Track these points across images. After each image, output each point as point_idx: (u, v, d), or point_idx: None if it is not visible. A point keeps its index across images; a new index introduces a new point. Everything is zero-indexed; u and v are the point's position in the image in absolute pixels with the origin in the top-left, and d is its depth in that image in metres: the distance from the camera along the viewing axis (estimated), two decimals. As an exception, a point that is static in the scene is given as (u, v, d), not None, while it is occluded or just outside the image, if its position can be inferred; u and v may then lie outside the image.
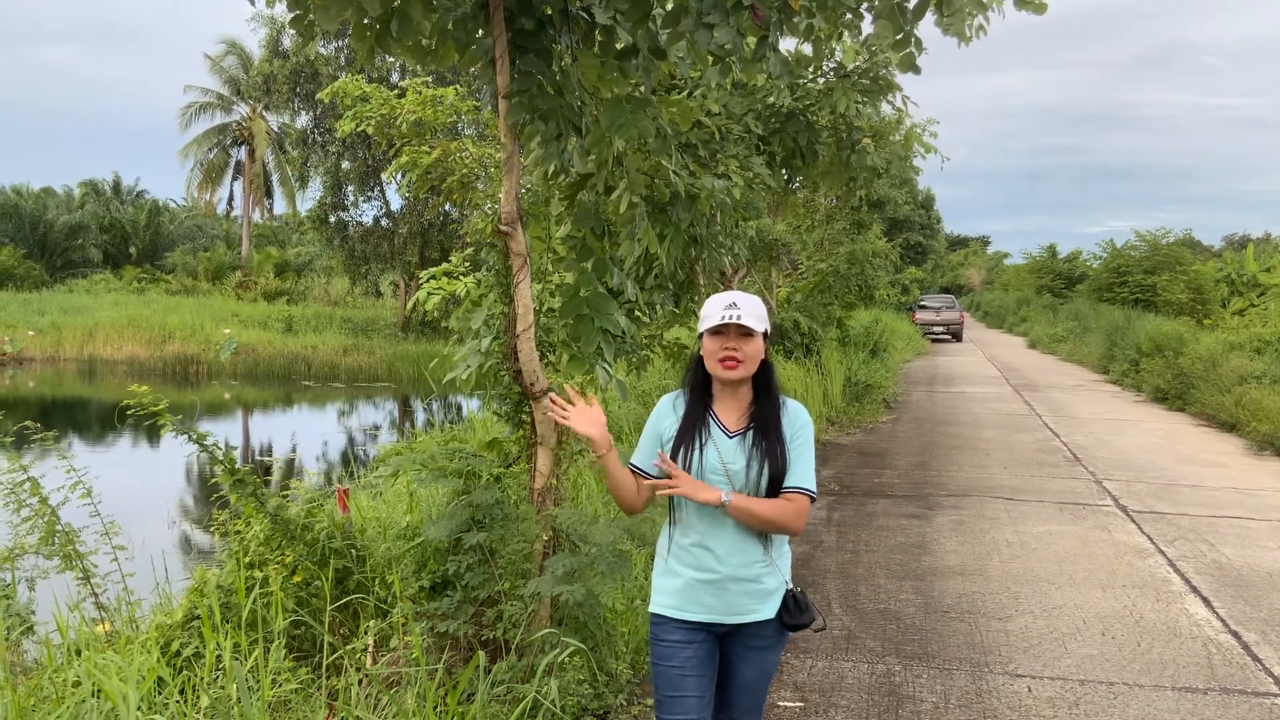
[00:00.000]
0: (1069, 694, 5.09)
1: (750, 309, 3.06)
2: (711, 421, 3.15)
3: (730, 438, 3.12)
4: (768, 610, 3.15)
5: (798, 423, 3.17)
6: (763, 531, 3.11)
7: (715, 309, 3.07)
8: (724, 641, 3.19)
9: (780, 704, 4.94)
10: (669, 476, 3.04)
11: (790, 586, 3.20)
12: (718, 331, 3.07)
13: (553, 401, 3.20)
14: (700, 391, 3.19)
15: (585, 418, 3.14)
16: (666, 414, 3.22)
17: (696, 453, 3.11)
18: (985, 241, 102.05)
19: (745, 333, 3.05)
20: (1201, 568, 7.41)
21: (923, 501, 9.64)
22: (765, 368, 3.17)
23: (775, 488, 3.07)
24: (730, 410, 3.16)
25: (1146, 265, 35.12)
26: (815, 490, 3.14)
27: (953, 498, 9.81)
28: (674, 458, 3.11)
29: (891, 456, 12.30)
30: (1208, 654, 5.70)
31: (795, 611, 3.16)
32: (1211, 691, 5.17)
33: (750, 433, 3.12)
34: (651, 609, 3.23)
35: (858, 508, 9.35)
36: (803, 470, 3.12)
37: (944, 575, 7.14)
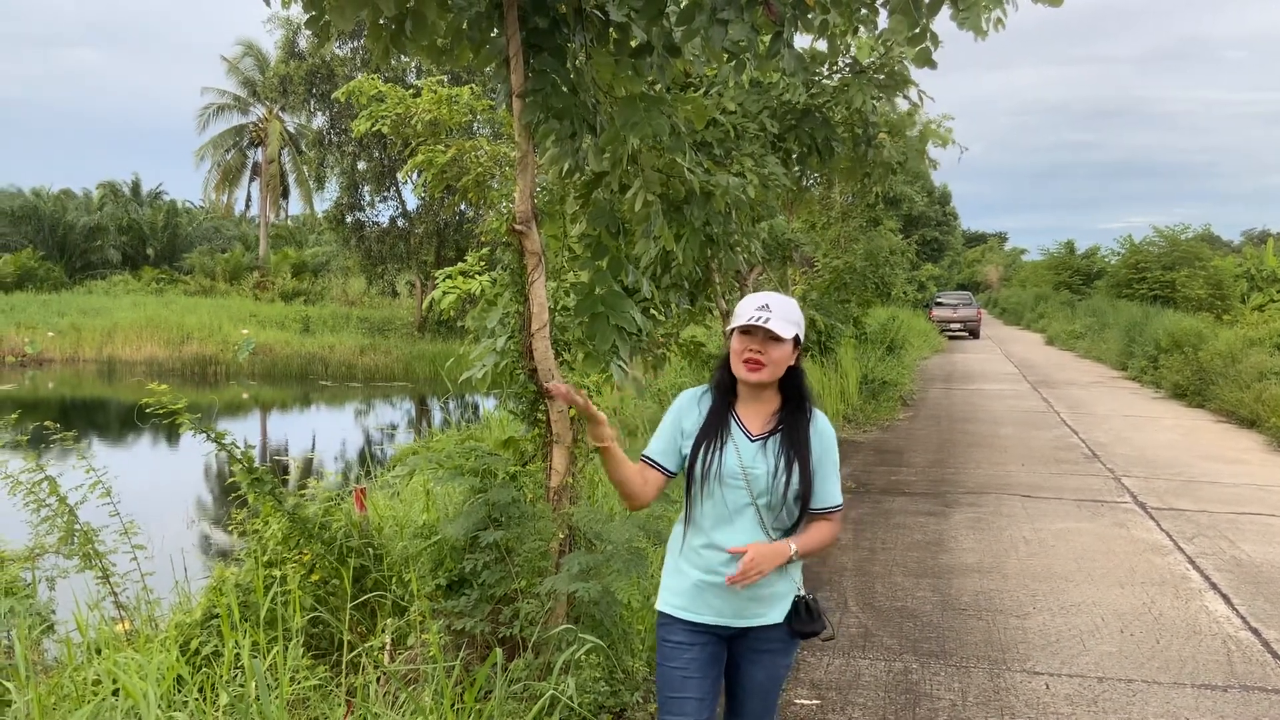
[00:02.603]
0: (1087, 691, 5.07)
1: (782, 313, 2.99)
2: (733, 423, 3.08)
3: (752, 441, 3.05)
4: (776, 615, 3.09)
5: (826, 439, 3.12)
6: (777, 535, 3.05)
7: (747, 308, 3.01)
8: (732, 644, 3.14)
9: (797, 702, 4.93)
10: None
11: (801, 592, 3.14)
12: (746, 331, 3.01)
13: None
14: (725, 391, 3.12)
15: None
16: (690, 409, 3.16)
17: (716, 454, 3.03)
18: (1002, 238, 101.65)
19: (773, 337, 2.98)
20: (1221, 564, 7.37)
21: (940, 499, 9.62)
22: (795, 374, 3.10)
23: (804, 497, 3.03)
24: (753, 414, 3.09)
25: (1165, 261, 34.90)
26: (841, 502, 3.17)
27: (970, 495, 9.78)
28: (694, 457, 3.06)
29: (908, 454, 12.27)
30: (1227, 651, 5.67)
31: (805, 619, 3.10)
32: (1231, 689, 5.14)
33: (774, 439, 3.05)
34: (658, 606, 3.19)
35: (875, 505, 9.33)
36: (834, 489, 3.12)
37: (961, 573, 7.12)
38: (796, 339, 3.04)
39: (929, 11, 4.16)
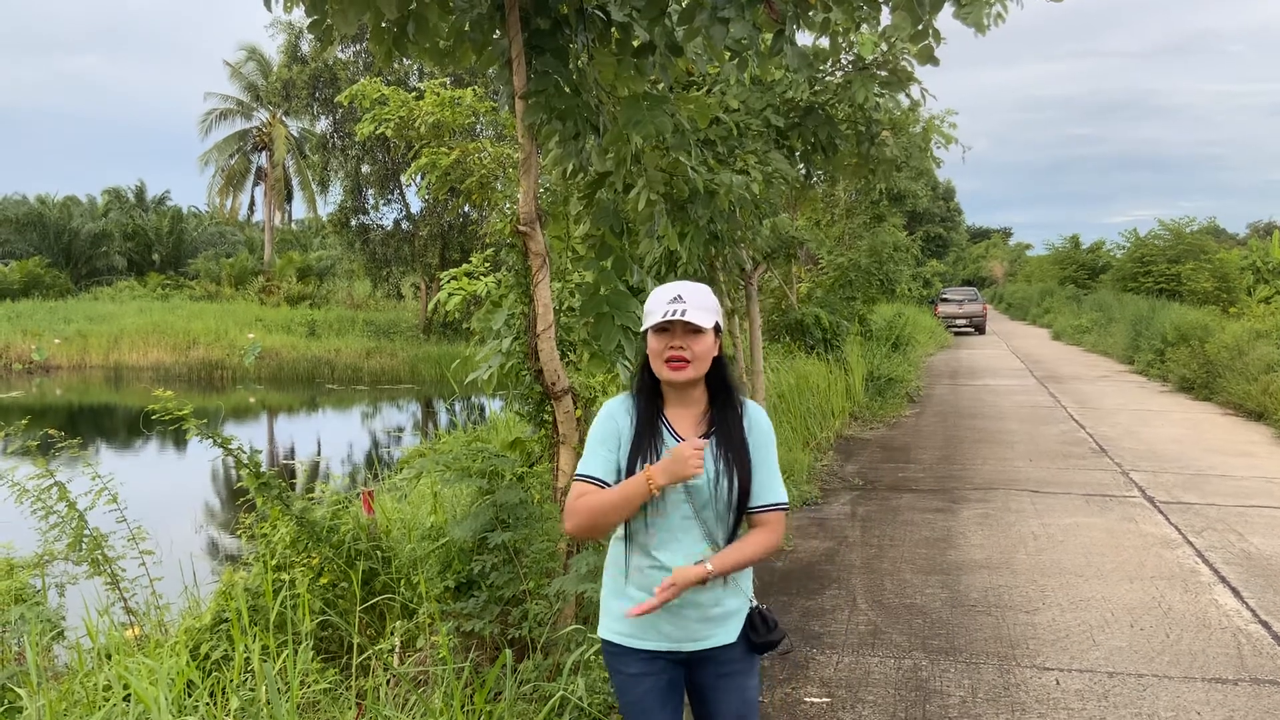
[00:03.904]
0: (1098, 686, 5.06)
1: (698, 302, 2.76)
2: (665, 430, 2.84)
3: None
4: (728, 634, 2.86)
5: (760, 429, 2.88)
6: (725, 545, 2.83)
7: (658, 304, 2.77)
8: (692, 672, 2.92)
9: (807, 700, 4.93)
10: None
11: (754, 604, 2.91)
12: (662, 329, 2.78)
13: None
14: (650, 396, 2.88)
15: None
16: (623, 420, 2.88)
17: (643, 464, 2.79)
18: (1007, 233, 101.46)
19: (693, 329, 2.76)
20: (1230, 558, 7.35)
21: (947, 495, 9.60)
22: (719, 366, 2.86)
23: (743, 500, 2.82)
24: (684, 416, 2.86)
25: (1171, 254, 34.85)
26: (786, 500, 2.90)
27: (978, 491, 9.77)
28: (629, 473, 2.80)
29: (915, 451, 12.25)
30: (1238, 644, 5.66)
31: (763, 629, 2.86)
32: (1242, 682, 5.13)
33: (710, 441, 2.82)
34: (602, 634, 2.94)
35: (882, 503, 9.32)
36: (773, 484, 2.87)
37: (970, 569, 7.11)
38: (717, 327, 2.82)
39: (931, 8, 4.15)
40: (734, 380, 2.92)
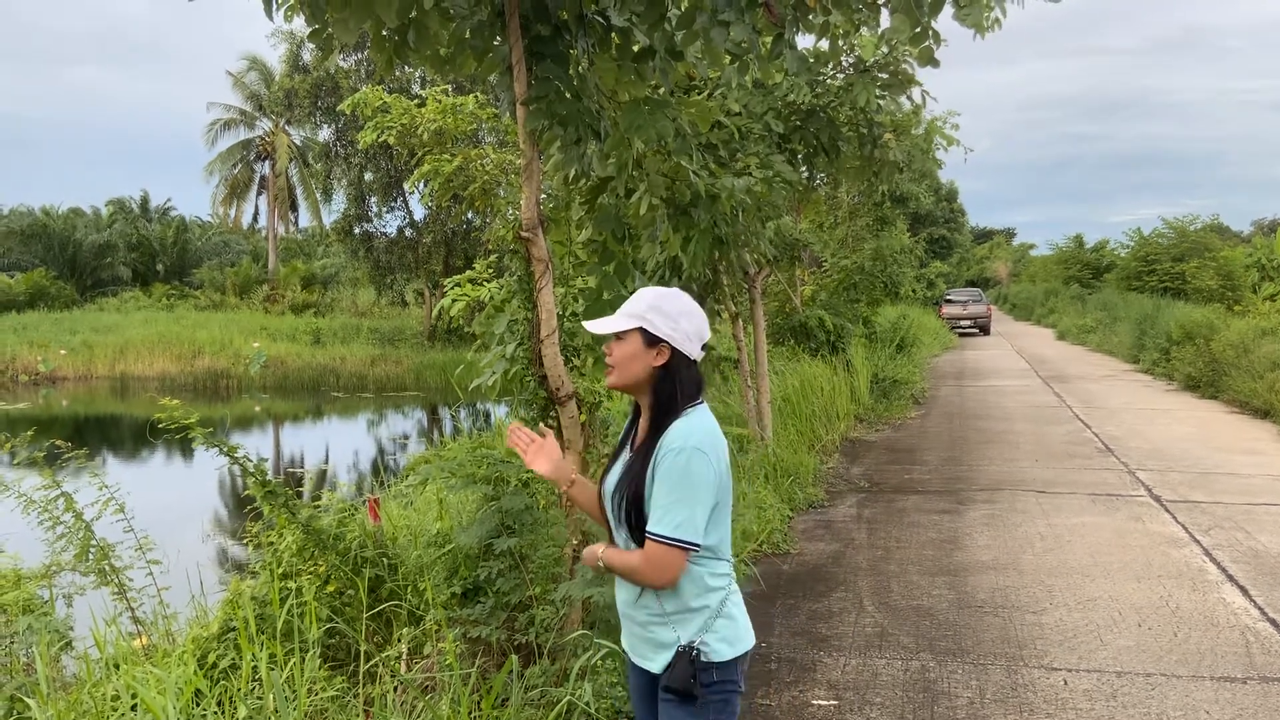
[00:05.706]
0: (1106, 686, 5.05)
1: (624, 307, 2.68)
2: (632, 437, 2.80)
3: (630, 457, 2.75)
4: (657, 665, 2.69)
5: (664, 454, 2.56)
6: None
7: None
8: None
9: (814, 703, 4.93)
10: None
11: (683, 645, 2.62)
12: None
13: (514, 435, 2.89)
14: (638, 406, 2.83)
15: (540, 454, 2.84)
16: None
17: (606, 472, 2.80)
18: (1011, 233, 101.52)
19: (615, 335, 2.67)
20: (1238, 556, 7.33)
21: (954, 496, 9.59)
22: (660, 375, 2.65)
23: (630, 518, 2.63)
24: (643, 426, 2.73)
25: (1175, 253, 34.81)
26: (671, 535, 2.52)
27: (984, 492, 9.76)
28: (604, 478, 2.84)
29: (921, 452, 12.24)
30: (1246, 643, 5.64)
31: (671, 673, 2.62)
32: (1250, 681, 5.12)
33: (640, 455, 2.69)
34: None
35: (888, 504, 9.32)
36: (655, 512, 2.55)
37: (977, 570, 7.10)
38: (652, 336, 2.64)
39: (930, 10, 4.15)
40: (667, 394, 2.65)
